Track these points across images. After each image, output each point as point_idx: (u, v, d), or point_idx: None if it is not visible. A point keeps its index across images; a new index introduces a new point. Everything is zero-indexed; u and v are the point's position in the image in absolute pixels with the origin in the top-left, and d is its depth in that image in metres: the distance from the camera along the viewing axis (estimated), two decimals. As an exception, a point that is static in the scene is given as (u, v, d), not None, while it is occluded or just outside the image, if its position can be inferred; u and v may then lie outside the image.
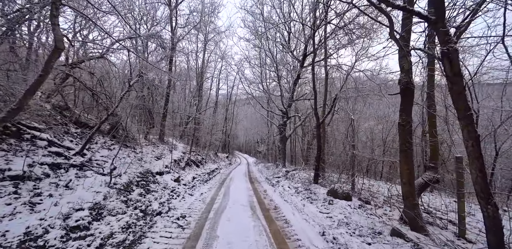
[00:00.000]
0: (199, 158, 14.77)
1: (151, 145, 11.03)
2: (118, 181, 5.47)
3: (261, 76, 14.53)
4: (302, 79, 15.20)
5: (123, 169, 6.50)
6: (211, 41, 21.39)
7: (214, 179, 11.21)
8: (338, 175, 7.60)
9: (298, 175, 9.21)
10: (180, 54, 18.95)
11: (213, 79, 26.04)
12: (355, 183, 6.85)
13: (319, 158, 7.31)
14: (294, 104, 15.53)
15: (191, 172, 10.61)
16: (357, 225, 4.04)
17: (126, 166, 6.65)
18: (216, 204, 6.06)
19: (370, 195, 6.77)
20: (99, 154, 6.91)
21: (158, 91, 9.85)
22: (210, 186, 9.09)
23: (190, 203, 5.92)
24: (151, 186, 6.31)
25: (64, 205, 3.50)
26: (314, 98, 7.14)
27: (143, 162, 8.13)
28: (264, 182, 10.43)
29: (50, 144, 5.03)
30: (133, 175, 6.40)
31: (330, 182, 7.71)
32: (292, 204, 6.01)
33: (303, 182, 8.43)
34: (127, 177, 6.02)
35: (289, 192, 7.44)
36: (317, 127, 7.25)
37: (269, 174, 12.83)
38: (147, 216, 4.42)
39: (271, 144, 25.23)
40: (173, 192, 6.57)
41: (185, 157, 11.62)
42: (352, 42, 7.88)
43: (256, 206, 5.99)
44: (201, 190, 7.93)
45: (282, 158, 14.43)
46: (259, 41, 14.58)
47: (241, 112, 42.14)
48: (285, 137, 14.49)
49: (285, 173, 10.54)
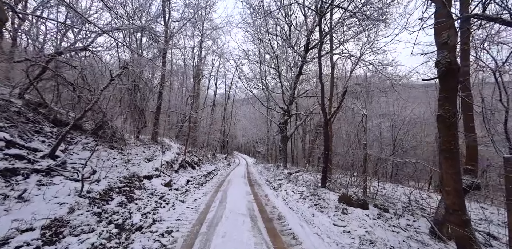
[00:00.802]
0: (195, 159, 13.93)
1: (142, 146, 10.18)
2: (94, 188, 4.63)
3: (260, 72, 13.72)
4: (303, 76, 14.41)
5: (105, 173, 5.66)
6: (209, 38, 20.59)
7: (210, 182, 10.37)
8: (348, 178, 6.79)
9: (303, 178, 8.40)
10: (176, 51, 18.13)
11: (210, 77, 25.20)
12: (368, 187, 6.04)
13: (327, 159, 6.50)
14: (296, 101, 14.74)
15: (186, 175, 9.77)
16: (385, 245, 3.23)
17: (109, 169, 5.81)
18: (210, 213, 5.24)
19: (385, 200, 5.97)
20: (78, 156, 6.07)
21: (149, 86, 9.01)
22: (205, 190, 8.26)
23: (180, 213, 5.09)
24: (136, 192, 5.47)
25: (5, 225, 2.67)
26: (321, 93, 6.34)
27: (130, 165, 7.28)
28: (265, 185, 9.61)
29: (9, 145, 4.19)
30: (115, 180, 5.56)
31: (339, 186, 6.90)
32: (298, 212, 5.19)
33: (308, 186, 7.62)
34: (107, 182, 5.18)
35: (294, 197, 6.62)
36: (325, 125, 6.44)
37: (270, 176, 12.01)
38: (123, 232, 3.59)
39: (270, 144, 24.44)
40: (162, 199, 5.73)
41: (179, 158, 10.78)
42: (364, 29, 7.05)
43: (257, 215, 5.18)
44: (195, 196, 7.10)
45: (283, 158, 13.61)
46: (258, 34, 13.75)
47: (240, 111, 41.35)
48: (286, 136, 13.68)
49: (288, 175, 9.72)
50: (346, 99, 8.99)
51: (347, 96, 9.03)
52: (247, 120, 40.81)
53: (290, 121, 15.20)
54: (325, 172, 6.57)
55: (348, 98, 9.70)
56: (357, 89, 7.95)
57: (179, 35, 15.59)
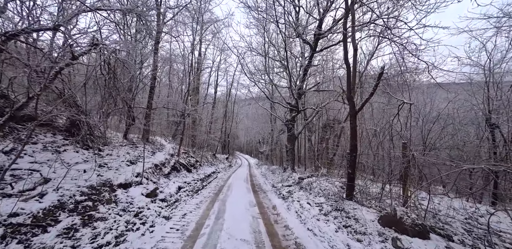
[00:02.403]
0: (192, 161, 12.49)
1: (128, 146, 8.75)
2: (30, 207, 3.19)
3: (265, 64, 12.23)
4: (314, 67, 12.91)
5: (62, 182, 4.23)
6: (209, 32, 19.19)
7: (208, 187, 8.92)
8: (381, 186, 5.29)
9: (318, 185, 6.90)
10: (174, 45, 16.71)
11: (211, 73, 23.78)
12: (413, 200, 4.53)
13: (354, 162, 5.00)
14: (304, 96, 13.23)
15: (178, 180, 8.32)
16: None
17: (64, 176, 4.37)
18: (201, 238, 3.77)
19: (439, 220, 4.43)
20: (30, 159, 4.65)
21: (133, 74, 7.53)
22: (200, 199, 6.82)
23: (159, 239, 3.63)
24: (100, 209, 4.02)
25: None
26: (347, 77, 4.86)
27: (105, 169, 5.85)
28: (271, 192, 8.13)
29: None
30: (74, 191, 4.11)
31: (368, 197, 5.39)
32: (324, 239, 3.70)
33: (327, 196, 6.12)
34: (58, 196, 3.74)
35: (311, 212, 5.13)
36: (352, 118, 4.94)
37: (276, 180, 10.52)
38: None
39: (274, 144, 22.94)
40: (137, 217, 4.28)
41: (172, 160, 9.33)
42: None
43: (265, 242, 3.70)
44: (185, 208, 5.65)
45: (290, 160, 12.11)
46: (262, 23, 12.25)
47: (242, 111, 39.94)
48: (294, 135, 12.18)
49: (298, 180, 8.23)
50: (369, 87, 7.44)
51: (368, 84, 7.49)
52: (249, 120, 39.40)
53: (297, 119, 13.70)
54: (352, 180, 5.07)
55: (368, 88, 8.12)
56: (390, 73, 6.45)
57: (178, 24, 14.16)
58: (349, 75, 5.04)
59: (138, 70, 8.25)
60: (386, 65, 8.38)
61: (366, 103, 5.11)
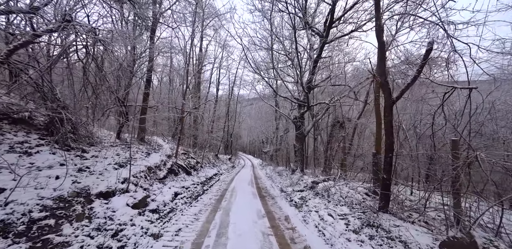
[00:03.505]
0: (193, 162, 11.53)
1: (120, 146, 7.80)
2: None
3: (272, 57, 11.22)
4: (324, 59, 11.88)
5: (22, 192, 3.27)
6: (210, 27, 18.22)
7: (209, 192, 7.94)
8: (423, 194, 4.23)
9: (339, 191, 5.85)
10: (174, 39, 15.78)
11: (212, 70, 22.84)
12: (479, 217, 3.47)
13: (390, 165, 3.96)
14: (313, 91, 12.19)
15: (175, 185, 7.35)
16: None
17: (38, 183, 3.41)
18: (197, 269, 2.78)
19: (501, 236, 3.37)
20: (-16, 162, 3.70)
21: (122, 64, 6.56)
22: (200, 207, 5.84)
23: (139, 273, 2.64)
24: (64, 230, 3.04)
25: None
26: (378, 56, 3.84)
27: (85, 174, 4.89)
28: (281, 198, 7.11)
29: None
30: (31, 205, 3.15)
31: (404, 207, 4.33)
32: (365, 273, 2.67)
33: (350, 205, 5.08)
34: (3, 214, 2.77)
35: (337, 227, 4.10)
36: (389, 109, 3.90)
37: (285, 183, 9.49)
38: None
39: (278, 144, 21.88)
40: (116, 238, 3.29)
41: (169, 161, 8.37)
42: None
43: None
44: (181, 221, 4.67)
45: (299, 161, 11.08)
46: (266, 14, 11.24)
47: (245, 110, 38.97)
48: (303, 134, 11.15)
49: (312, 184, 7.19)
50: (394, 74, 6.35)
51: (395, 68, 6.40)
52: (252, 120, 38.42)
53: (307, 115, 12.65)
54: (388, 187, 4.03)
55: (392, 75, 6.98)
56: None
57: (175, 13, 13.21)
58: (383, 56, 4.01)
59: (131, 59, 7.28)
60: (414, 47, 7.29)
61: (411, 86, 4.04)
